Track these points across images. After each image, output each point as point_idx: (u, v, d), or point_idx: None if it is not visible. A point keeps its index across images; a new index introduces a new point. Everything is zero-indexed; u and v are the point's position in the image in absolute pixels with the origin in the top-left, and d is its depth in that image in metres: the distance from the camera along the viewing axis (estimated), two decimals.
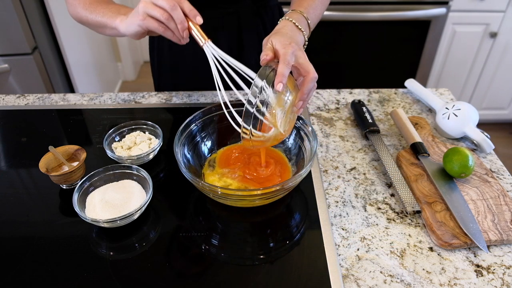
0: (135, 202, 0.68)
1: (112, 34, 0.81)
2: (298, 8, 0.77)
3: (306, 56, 0.67)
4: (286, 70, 0.62)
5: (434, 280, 0.60)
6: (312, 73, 0.66)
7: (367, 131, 0.86)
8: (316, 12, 0.81)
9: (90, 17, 0.81)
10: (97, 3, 0.82)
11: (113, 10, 0.79)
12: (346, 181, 0.77)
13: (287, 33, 0.70)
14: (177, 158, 0.68)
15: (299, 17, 0.76)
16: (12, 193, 0.76)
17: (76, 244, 0.66)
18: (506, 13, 1.94)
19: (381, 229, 0.68)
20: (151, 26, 0.69)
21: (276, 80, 0.62)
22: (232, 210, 0.71)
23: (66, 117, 0.95)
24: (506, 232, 0.65)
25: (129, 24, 0.72)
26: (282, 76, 0.62)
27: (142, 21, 0.69)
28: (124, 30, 0.74)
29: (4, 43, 1.61)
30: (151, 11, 0.67)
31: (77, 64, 2.01)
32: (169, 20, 0.67)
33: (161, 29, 0.69)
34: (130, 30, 0.73)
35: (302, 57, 0.66)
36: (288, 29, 0.72)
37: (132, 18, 0.72)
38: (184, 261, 0.63)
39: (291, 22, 0.74)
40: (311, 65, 0.66)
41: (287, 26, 0.73)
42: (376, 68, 2.06)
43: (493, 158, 0.83)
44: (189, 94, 1.03)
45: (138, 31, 0.72)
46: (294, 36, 0.71)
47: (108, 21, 0.77)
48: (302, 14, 0.76)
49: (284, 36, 0.68)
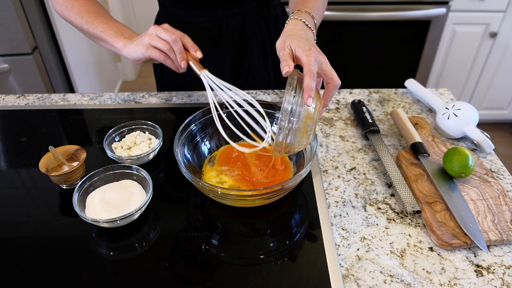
0: (135, 202, 0.68)
1: (107, 48, 0.84)
2: (304, 8, 0.78)
3: (328, 61, 0.67)
4: (313, 83, 0.62)
5: (434, 280, 0.60)
6: (336, 80, 0.66)
7: (367, 131, 0.86)
8: (319, 13, 0.82)
9: (86, 26, 0.83)
10: (96, 15, 0.83)
11: (114, 29, 0.81)
12: (346, 181, 0.77)
13: (302, 35, 0.70)
14: (177, 158, 0.68)
15: (307, 17, 0.76)
16: (12, 193, 0.76)
17: (76, 244, 0.66)
18: (506, 13, 1.94)
19: (381, 229, 0.68)
20: (153, 55, 0.76)
21: (305, 96, 0.62)
22: (232, 210, 0.71)
23: (66, 117, 0.95)
24: (506, 232, 0.65)
25: (133, 50, 0.77)
26: (310, 90, 0.62)
27: (146, 50, 0.75)
28: (126, 54, 0.79)
29: (4, 43, 1.61)
30: (155, 42, 0.75)
31: (77, 64, 2.01)
32: (170, 51, 0.75)
33: (162, 57, 0.76)
34: (132, 55, 0.78)
35: (325, 63, 0.66)
36: (300, 28, 0.72)
37: (137, 46, 0.77)
38: (184, 261, 0.63)
39: (301, 21, 0.74)
40: (334, 72, 0.66)
41: (298, 25, 0.73)
42: (376, 68, 2.06)
43: (493, 158, 0.83)
44: (189, 94, 1.03)
45: (140, 58, 0.77)
46: (308, 37, 0.71)
47: (109, 39, 0.81)
48: (309, 13, 0.77)
49: (301, 39, 0.68)
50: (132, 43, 0.78)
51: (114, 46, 0.81)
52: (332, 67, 0.67)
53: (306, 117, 0.64)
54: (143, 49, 0.75)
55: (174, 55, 0.75)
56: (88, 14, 0.83)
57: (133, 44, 0.78)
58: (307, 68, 0.63)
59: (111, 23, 0.82)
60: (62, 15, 0.86)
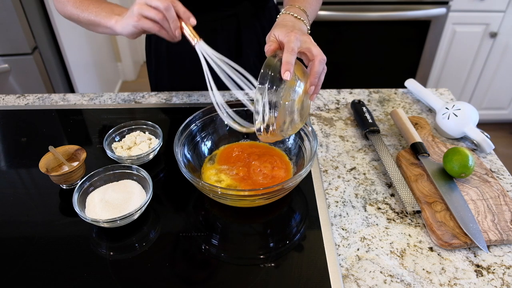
0: (135, 202, 0.68)
1: (105, 32, 0.82)
2: (295, 3, 0.77)
3: (312, 40, 0.66)
4: (292, 57, 0.61)
5: (434, 280, 0.60)
6: (320, 55, 0.64)
7: (367, 131, 0.86)
8: (312, 7, 0.81)
9: (82, 15, 0.82)
10: (88, 2, 0.82)
11: (106, 9, 0.79)
12: (346, 181, 0.77)
13: (288, 24, 0.70)
14: (177, 158, 0.68)
15: (297, 10, 0.75)
16: (12, 193, 0.76)
17: (76, 244, 0.66)
18: (506, 13, 1.94)
19: (381, 229, 0.68)
20: (146, 26, 0.71)
21: (282, 69, 0.60)
22: (232, 210, 0.71)
23: (66, 117, 0.95)
24: (506, 232, 0.65)
25: (125, 25, 0.74)
26: (288, 64, 0.60)
27: (137, 22, 0.71)
28: (120, 30, 0.76)
29: (4, 43, 1.61)
30: (146, 12, 0.69)
31: (77, 64, 2.01)
32: (163, 20, 0.70)
33: (156, 28, 0.71)
34: (126, 30, 0.75)
35: (308, 41, 0.65)
36: (288, 20, 0.72)
37: (128, 19, 0.73)
38: (184, 261, 0.63)
39: (289, 15, 0.74)
40: (318, 48, 0.65)
41: (286, 18, 0.73)
42: (376, 68, 2.06)
43: (493, 158, 0.83)
44: (189, 94, 1.03)
45: (134, 31, 0.74)
46: (296, 25, 0.71)
47: (102, 20, 0.79)
48: (300, 8, 0.76)
49: (285, 27, 0.68)
50: (123, 18, 0.75)
51: (107, 27, 0.78)
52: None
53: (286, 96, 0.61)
54: (134, 20, 0.71)
55: (168, 24, 0.70)
56: (81, 3, 0.82)
57: (124, 18, 0.74)
58: (286, 46, 0.62)
59: (103, 5, 0.81)
60: (62, 12, 0.86)
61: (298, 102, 0.64)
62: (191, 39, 0.71)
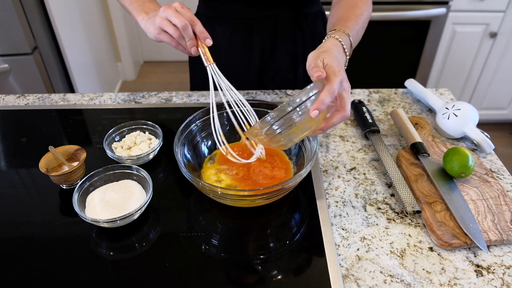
0: (135, 202, 0.68)
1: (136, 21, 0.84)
2: (345, 29, 0.75)
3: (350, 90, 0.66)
4: (329, 99, 0.61)
5: (434, 280, 0.60)
6: (347, 112, 0.65)
7: (367, 131, 0.87)
8: (357, 36, 0.81)
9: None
10: None
11: (139, 1, 0.81)
12: (346, 181, 0.77)
13: (337, 56, 0.68)
14: (177, 158, 0.68)
15: (346, 40, 0.74)
16: (12, 193, 0.76)
17: (76, 244, 0.66)
18: (506, 13, 1.94)
19: (381, 229, 0.68)
20: (165, 40, 0.74)
21: (314, 105, 0.60)
22: (232, 210, 0.71)
23: (66, 117, 0.95)
24: (506, 232, 0.65)
25: (147, 29, 0.77)
26: (322, 103, 0.60)
27: (157, 34, 0.74)
28: (143, 30, 0.78)
29: (4, 43, 1.61)
30: (166, 27, 0.72)
31: (77, 64, 2.02)
32: (180, 38, 0.72)
33: (173, 43, 0.74)
34: (148, 34, 0.77)
35: (346, 90, 0.65)
36: (336, 51, 0.70)
37: (150, 27, 0.75)
38: (184, 261, 0.63)
39: (340, 43, 0.72)
40: (350, 103, 0.65)
41: (336, 46, 0.71)
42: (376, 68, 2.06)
43: (493, 158, 0.83)
44: (189, 94, 1.03)
45: (154, 39, 0.76)
46: (341, 60, 0.70)
47: (133, 12, 0.81)
48: (349, 37, 0.75)
49: (335, 59, 0.67)
50: (147, 20, 0.77)
51: (135, 20, 0.81)
52: None
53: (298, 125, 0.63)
54: (155, 32, 0.74)
55: (185, 42, 0.73)
56: None
57: (148, 22, 0.76)
58: (329, 85, 0.62)
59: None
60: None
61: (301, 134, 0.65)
62: (204, 60, 0.73)
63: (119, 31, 2.65)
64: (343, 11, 0.83)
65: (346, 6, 0.84)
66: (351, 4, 0.84)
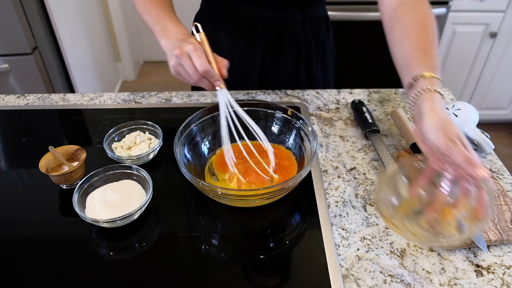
0: (135, 202, 0.68)
1: None
2: (430, 70, 0.60)
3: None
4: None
5: (434, 280, 0.60)
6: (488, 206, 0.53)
7: (367, 131, 0.86)
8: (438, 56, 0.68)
9: (144, 17, 0.83)
10: (153, 4, 0.82)
11: (161, 23, 0.79)
12: (346, 181, 0.77)
13: (451, 120, 0.57)
14: (177, 158, 0.68)
15: (440, 84, 0.60)
16: (12, 193, 0.76)
17: (76, 244, 0.66)
18: (506, 13, 1.94)
19: (381, 229, 0.68)
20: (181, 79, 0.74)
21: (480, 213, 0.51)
22: (232, 210, 0.71)
23: (66, 117, 0.95)
24: (506, 232, 0.65)
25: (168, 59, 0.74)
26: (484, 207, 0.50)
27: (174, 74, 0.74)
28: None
29: (4, 43, 1.61)
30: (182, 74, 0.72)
31: (77, 64, 2.02)
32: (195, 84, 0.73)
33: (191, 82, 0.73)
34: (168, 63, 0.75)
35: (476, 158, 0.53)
36: (444, 114, 0.57)
37: (169, 60, 0.73)
38: (184, 261, 0.63)
39: (440, 96, 0.58)
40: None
41: (441, 110, 0.58)
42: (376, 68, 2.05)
43: (493, 158, 0.83)
44: (189, 94, 1.03)
45: None
46: (449, 125, 0.57)
47: (156, 34, 0.79)
48: (435, 76, 0.61)
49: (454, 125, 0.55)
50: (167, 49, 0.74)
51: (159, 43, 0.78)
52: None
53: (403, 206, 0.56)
54: (172, 71, 0.74)
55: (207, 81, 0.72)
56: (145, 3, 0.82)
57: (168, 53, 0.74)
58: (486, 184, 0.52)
59: (161, 14, 0.80)
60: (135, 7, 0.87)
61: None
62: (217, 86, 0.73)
63: (119, 31, 2.65)
64: (416, 38, 0.66)
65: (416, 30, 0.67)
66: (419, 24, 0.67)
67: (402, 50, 0.68)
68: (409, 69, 0.64)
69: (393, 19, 0.73)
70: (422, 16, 0.67)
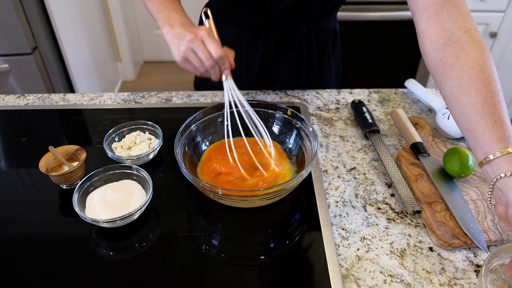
0: (135, 202, 0.68)
1: None
2: (509, 143, 0.53)
3: None
4: None
5: (434, 280, 0.60)
6: None
7: (367, 131, 0.86)
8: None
9: (148, 4, 0.80)
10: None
11: (165, 11, 0.76)
12: (346, 181, 0.77)
13: None
14: (177, 159, 0.68)
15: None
16: (12, 193, 0.76)
17: (76, 244, 0.66)
18: (506, 13, 1.94)
19: (381, 229, 0.68)
20: (188, 68, 0.72)
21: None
22: (232, 210, 0.71)
23: (66, 117, 0.95)
24: (506, 232, 0.65)
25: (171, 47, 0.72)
26: None
27: (181, 62, 0.71)
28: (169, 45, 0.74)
29: (4, 43, 1.61)
30: (191, 59, 0.69)
31: (77, 64, 2.01)
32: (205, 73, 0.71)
33: (197, 73, 0.72)
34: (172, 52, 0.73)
35: None
36: None
37: (174, 48, 0.71)
38: (184, 261, 0.63)
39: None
40: None
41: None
42: (376, 68, 2.06)
43: None
44: (189, 94, 1.03)
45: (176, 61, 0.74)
46: None
47: (158, 22, 0.77)
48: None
49: None
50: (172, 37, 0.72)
51: (161, 31, 0.76)
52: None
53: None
54: (178, 58, 0.71)
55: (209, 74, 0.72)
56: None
57: (173, 40, 0.72)
58: None
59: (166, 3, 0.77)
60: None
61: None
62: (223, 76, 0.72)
63: (119, 31, 2.65)
64: (478, 98, 0.55)
65: (476, 86, 0.56)
66: (477, 77, 0.56)
67: (463, 110, 0.57)
68: (476, 137, 0.56)
69: (443, 66, 0.61)
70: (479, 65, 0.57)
